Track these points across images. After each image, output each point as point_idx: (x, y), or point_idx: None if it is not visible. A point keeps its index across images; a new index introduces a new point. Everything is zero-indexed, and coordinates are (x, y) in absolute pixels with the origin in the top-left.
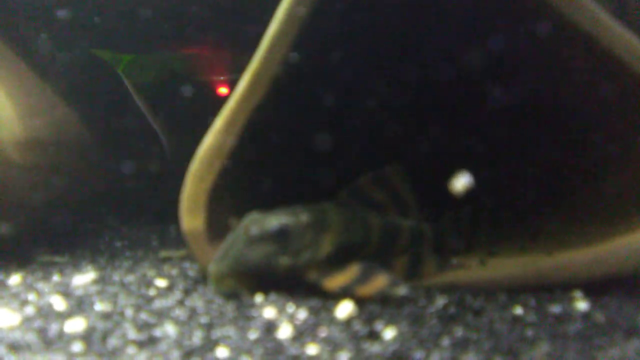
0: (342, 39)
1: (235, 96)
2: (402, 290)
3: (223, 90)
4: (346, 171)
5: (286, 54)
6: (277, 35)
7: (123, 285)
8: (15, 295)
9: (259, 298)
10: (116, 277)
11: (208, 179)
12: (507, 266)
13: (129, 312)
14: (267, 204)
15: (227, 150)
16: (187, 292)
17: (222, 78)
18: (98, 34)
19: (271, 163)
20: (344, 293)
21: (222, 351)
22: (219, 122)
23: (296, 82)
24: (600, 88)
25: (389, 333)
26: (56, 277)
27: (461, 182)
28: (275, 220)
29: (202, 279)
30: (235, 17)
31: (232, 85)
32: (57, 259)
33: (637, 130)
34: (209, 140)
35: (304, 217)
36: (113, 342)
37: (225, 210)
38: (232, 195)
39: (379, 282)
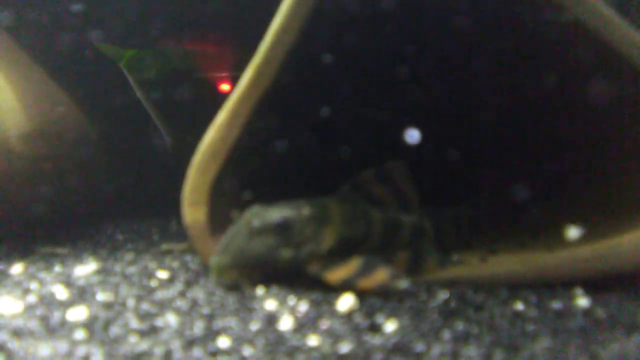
0: (346, 33)
1: (238, 90)
2: (403, 284)
3: (225, 87)
4: (348, 166)
5: (289, 48)
6: (281, 29)
7: (125, 276)
8: (18, 284)
9: (260, 290)
10: (118, 268)
11: (210, 172)
12: (508, 263)
13: (131, 302)
14: (269, 198)
15: (230, 143)
16: (188, 284)
17: (224, 74)
18: (100, 26)
19: (274, 156)
20: (346, 286)
21: (223, 341)
22: (222, 115)
23: (299, 76)
24: (605, 85)
25: (390, 326)
26: (58, 268)
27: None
28: (277, 213)
29: (204, 271)
30: (238, 12)
31: (234, 82)
32: (59, 250)
33: None
34: (212, 133)
35: (305, 210)
36: (115, 330)
37: (227, 203)
38: (234, 189)
39: (380, 275)
